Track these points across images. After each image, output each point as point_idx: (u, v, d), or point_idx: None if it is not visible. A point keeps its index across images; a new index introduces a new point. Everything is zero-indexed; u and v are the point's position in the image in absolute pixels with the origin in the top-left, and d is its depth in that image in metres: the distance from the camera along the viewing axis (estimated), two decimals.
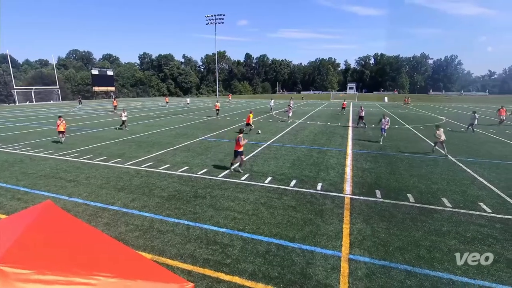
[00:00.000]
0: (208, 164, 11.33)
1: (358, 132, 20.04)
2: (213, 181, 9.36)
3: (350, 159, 12.37)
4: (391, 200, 7.87)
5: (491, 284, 4.59)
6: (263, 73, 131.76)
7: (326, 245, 5.69)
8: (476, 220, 6.77)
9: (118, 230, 6.31)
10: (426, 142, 16.44)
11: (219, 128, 21.45)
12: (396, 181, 9.47)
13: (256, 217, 6.89)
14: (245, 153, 13.16)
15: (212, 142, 15.93)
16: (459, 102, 62.42)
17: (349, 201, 7.80)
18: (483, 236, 6.02)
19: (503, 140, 17.16)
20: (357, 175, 10.06)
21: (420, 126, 23.37)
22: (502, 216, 6.96)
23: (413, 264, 5.11)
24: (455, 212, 7.18)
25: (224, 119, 27.39)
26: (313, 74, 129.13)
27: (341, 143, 15.90)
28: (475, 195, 8.24)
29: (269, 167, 10.96)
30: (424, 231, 6.23)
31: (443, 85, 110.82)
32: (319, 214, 7.04)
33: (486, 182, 9.34)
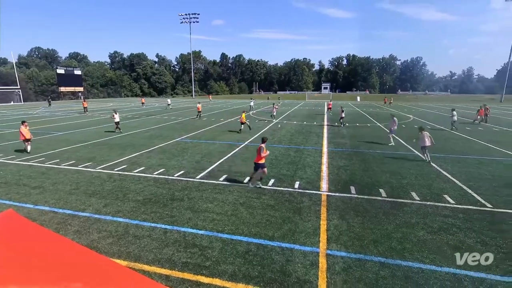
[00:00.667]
0: (185, 166, 11.10)
1: (333, 131, 20.65)
2: (190, 183, 9.19)
3: (326, 157, 12.70)
4: (365, 196, 8.19)
5: (455, 271, 4.93)
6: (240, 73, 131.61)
7: (304, 242, 5.80)
8: (441, 211, 7.23)
9: (90, 237, 6.00)
10: (396, 139, 17.29)
11: (196, 128, 21.11)
12: (369, 177, 9.87)
13: (235, 217, 6.87)
14: (224, 153, 13.11)
15: (188, 143, 15.64)
16: (424, 101, 66.36)
17: (326, 198, 8.01)
18: (448, 226, 6.44)
19: (464, 136, 18.48)
20: (333, 173, 10.35)
21: None
22: (464, 206, 7.50)
23: (386, 255, 5.36)
24: (422, 204, 7.62)
25: (200, 120, 27.00)
26: (289, 74, 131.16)
27: (317, 142, 16.28)
28: (440, 188, 8.80)
29: (247, 167, 10.94)
30: (395, 224, 6.55)
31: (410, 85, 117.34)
32: (297, 212, 7.16)
33: (449, 176, 10.01)
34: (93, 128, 21.49)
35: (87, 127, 22.21)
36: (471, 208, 7.38)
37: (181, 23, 78.99)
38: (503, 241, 5.84)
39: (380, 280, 4.70)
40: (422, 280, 4.71)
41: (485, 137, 18.05)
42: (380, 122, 25.58)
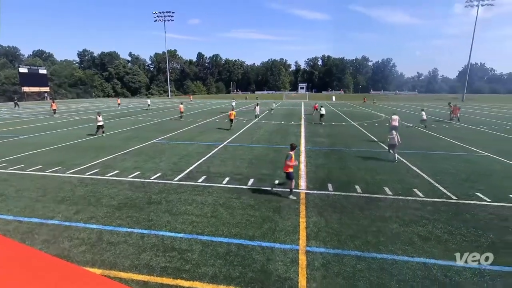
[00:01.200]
0: (162, 168, 10.82)
1: (311, 130, 21.08)
2: (168, 186, 8.98)
3: (304, 156, 12.93)
4: (342, 192, 8.45)
5: (426, 260, 5.22)
6: (217, 73, 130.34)
7: (284, 240, 5.87)
8: (412, 204, 7.63)
9: (61, 246, 5.67)
10: (369, 137, 18.01)
11: (173, 129, 20.64)
12: (346, 175, 10.19)
13: (215, 219, 6.80)
14: (202, 154, 12.94)
15: (165, 145, 15.26)
16: (395, 100, 69.65)
17: (305, 196, 8.16)
18: (418, 218, 6.82)
19: (431, 134, 19.63)
20: (311, 171, 10.57)
21: (364, 122, 25.51)
22: (432, 199, 7.97)
23: (362, 249, 5.56)
24: (395, 199, 8.00)
25: (178, 120, 26.45)
26: (266, 74, 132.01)
27: (295, 141, 16.50)
28: (410, 183, 9.29)
29: (227, 168, 10.90)
30: (370, 219, 6.82)
31: (381, 85, 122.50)
32: (277, 210, 7.23)
33: (418, 171, 10.59)
34: (64, 131, 20.32)
35: (56, 129, 20.94)
36: (438, 201, 7.86)
37: (155, 21, 76.97)
38: (467, 230, 6.28)
39: (357, 273, 4.87)
40: (396, 270, 4.94)
41: (449, 134, 19.29)
42: (354, 121, 26.48)
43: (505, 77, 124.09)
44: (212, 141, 16.17)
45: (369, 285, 4.60)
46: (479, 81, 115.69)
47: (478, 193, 8.33)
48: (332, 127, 23.00)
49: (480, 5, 62.90)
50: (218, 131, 20.11)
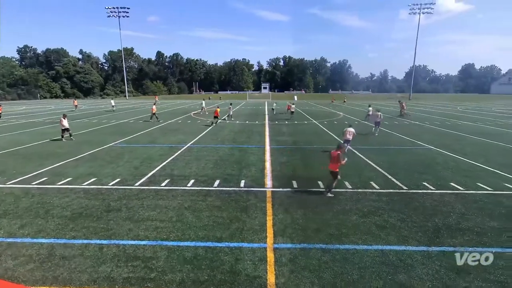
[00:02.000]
0: (121, 173, 10.20)
1: (274, 129, 21.49)
2: (128, 191, 8.49)
3: (269, 154, 13.14)
4: (306, 188, 8.75)
5: (383, 247, 5.64)
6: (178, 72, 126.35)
7: (252, 239, 5.91)
8: (369, 196, 8.19)
9: (3, 266, 5.05)
10: (329, 134, 18.92)
11: (133, 131, 19.56)
12: (309, 171, 10.58)
13: (180, 223, 6.60)
14: (165, 157, 12.46)
15: (124, 148, 14.41)
16: (351, 100, 74.02)
17: (271, 194, 8.30)
18: (375, 209, 7.33)
19: (385, 130, 21.23)
20: (276, 169, 10.78)
21: (324, 121, 26.71)
22: (387, 190, 8.64)
23: (326, 242, 5.83)
24: (354, 192, 8.51)
25: (136, 122, 25.13)
26: (229, 74, 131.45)
27: (260, 140, 16.72)
28: (368, 176, 9.96)
29: (191, 170, 10.65)
30: (333, 212, 7.17)
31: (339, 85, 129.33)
32: (244, 210, 7.25)
33: (374, 165, 11.40)
34: (5, 136, 18.08)
35: None
36: (392, 192, 8.54)
37: (109, 17, 72.16)
38: (416, 217, 6.92)
39: (322, 265, 5.09)
40: (357, 259, 5.26)
41: (399, 130, 21.06)
42: (316, 120, 27.59)
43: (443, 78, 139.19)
44: (175, 143, 15.65)
45: (333, 276, 4.84)
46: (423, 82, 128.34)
47: (425, 182, 9.21)
48: (295, 125, 23.70)
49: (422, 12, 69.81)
50: (181, 132, 19.54)
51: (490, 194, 8.37)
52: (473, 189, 8.73)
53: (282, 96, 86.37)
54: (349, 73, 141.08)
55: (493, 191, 8.54)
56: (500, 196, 8.18)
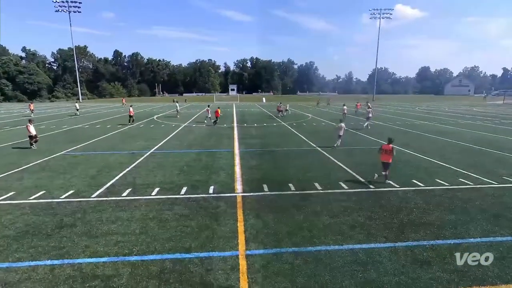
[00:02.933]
0: (75, 184, 9.50)
1: (243, 131, 21.53)
2: (84, 204, 7.93)
3: (238, 158, 13.12)
4: (277, 192, 8.87)
5: (353, 246, 5.90)
6: (139, 73, 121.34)
7: (223, 248, 5.83)
8: (339, 197, 8.52)
9: None
10: (298, 136, 19.42)
11: (88, 138, 18.34)
12: (279, 174, 10.75)
13: (145, 235, 6.30)
14: (126, 164, 11.85)
15: (79, 156, 13.46)
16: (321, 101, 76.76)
17: (241, 199, 8.27)
18: (344, 209, 7.65)
19: (351, 131, 22.31)
20: (246, 173, 10.78)
21: (293, 123, 27.37)
22: (355, 190, 9.07)
23: (299, 245, 5.94)
24: (325, 193, 8.81)
25: (93, 127, 23.62)
26: (195, 75, 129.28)
27: (228, 144, 16.64)
28: (337, 177, 10.37)
29: (156, 177, 10.25)
30: (304, 214, 7.34)
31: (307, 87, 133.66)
32: (214, 217, 7.14)
33: (342, 165, 11.91)
34: None
35: None
36: (360, 191, 8.99)
37: (57, 11, 67.18)
38: (383, 213, 7.36)
39: (295, 269, 5.17)
40: (329, 259, 5.44)
41: (365, 130, 22.28)
42: (285, 122, 28.16)
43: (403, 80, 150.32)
44: (137, 149, 14.97)
45: (306, 278, 4.94)
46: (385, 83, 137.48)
47: (390, 180, 9.82)
48: (264, 128, 23.98)
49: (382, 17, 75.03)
50: (144, 137, 18.76)
51: (447, 189, 9.17)
52: (432, 185, 9.51)
53: (250, 98, 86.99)
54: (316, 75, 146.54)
55: (450, 186, 9.38)
56: (456, 191, 9.01)
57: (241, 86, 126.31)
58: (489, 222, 6.95)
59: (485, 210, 7.61)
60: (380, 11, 74.44)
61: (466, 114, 37.76)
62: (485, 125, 25.84)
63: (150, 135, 19.67)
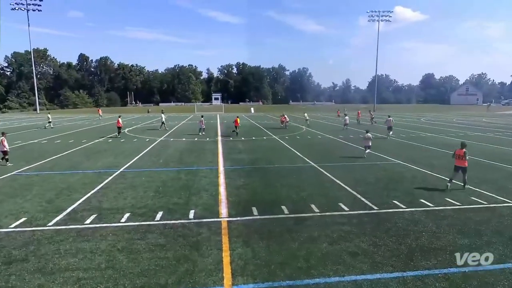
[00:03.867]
0: (28, 210, 9.14)
1: (229, 146, 21.51)
2: (39, 234, 7.60)
3: (223, 177, 13.01)
4: (268, 215, 8.78)
5: (356, 277, 5.84)
6: (108, 80, 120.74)
7: (205, 283, 5.66)
8: (338, 219, 8.52)
9: None
10: (291, 151, 19.53)
11: (45, 155, 17.83)
12: (270, 194, 10.69)
13: (112, 270, 6.06)
14: (91, 186, 11.54)
15: (33, 177, 13.02)
16: (313, 111, 78.18)
17: (227, 225, 8.14)
18: (345, 234, 7.63)
19: (349, 144, 22.65)
20: (232, 194, 10.67)
21: (285, 136, 27.59)
22: (356, 212, 9.09)
23: (294, 277, 5.84)
24: (322, 216, 8.79)
25: (51, 142, 23.04)
26: (173, 82, 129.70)
27: (212, 160, 16.53)
28: (335, 197, 10.40)
29: (126, 200, 10.01)
30: (300, 241, 7.27)
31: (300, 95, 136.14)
32: (195, 247, 6.97)
33: (341, 183, 11.99)
34: None
35: None
36: (362, 213, 9.02)
37: (13, 9, 66.72)
38: (389, 239, 7.37)
39: None
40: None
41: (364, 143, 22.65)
42: (276, 135, 28.36)
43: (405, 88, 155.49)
44: (104, 168, 14.65)
45: None
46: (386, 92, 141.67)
47: (395, 200, 9.94)
48: (253, 142, 24.04)
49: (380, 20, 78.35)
50: (112, 153, 18.42)
51: (459, 209, 9.33)
52: (442, 204, 9.66)
53: (237, 108, 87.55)
54: (310, 82, 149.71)
55: (461, 206, 9.55)
56: (469, 211, 9.18)
57: (226, 95, 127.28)
58: (506, 246, 7.06)
59: (501, 232, 7.76)
60: (379, 13, 77.86)
61: (476, 125, 39.20)
62: (496, 137, 26.83)
63: (120, 151, 19.32)
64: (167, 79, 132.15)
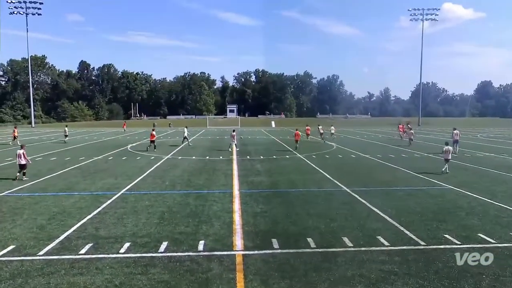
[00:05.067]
0: (17, 237, 9.41)
1: (245, 166, 21.56)
2: (28, 265, 7.79)
3: (238, 202, 13.00)
4: (291, 249, 8.62)
5: None
6: (110, 90, 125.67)
7: None
8: (377, 256, 8.24)
9: None
10: (319, 172, 19.32)
11: (38, 174, 18.49)
12: (294, 224, 10.54)
13: None
14: (87, 210, 11.82)
15: (25, 199, 13.49)
16: (345, 126, 77.66)
17: (242, 260, 8.04)
18: (385, 274, 7.36)
19: (388, 164, 22.19)
20: (248, 223, 10.60)
21: (312, 154, 27.41)
22: (399, 248, 8.78)
23: None
24: (357, 251, 8.53)
25: (46, 160, 23.91)
26: (183, 93, 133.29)
27: (225, 183, 16.59)
28: (373, 229, 10.12)
29: (126, 228, 10.15)
30: (329, 282, 7.06)
31: (329, 107, 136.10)
32: (204, 285, 6.92)
33: (380, 212, 11.68)
34: None
35: None
36: (406, 249, 8.70)
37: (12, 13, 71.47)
38: (440, 283, 7.03)
39: None
40: None
41: (407, 164, 22.14)
42: (300, 153, 28.24)
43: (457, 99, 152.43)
44: (102, 190, 15.00)
45: None
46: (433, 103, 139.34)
47: (447, 234, 9.55)
48: (273, 161, 24.02)
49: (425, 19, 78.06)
50: (112, 173, 18.88)
51: None
52: (506, 240, 9.18)
53: (255, 122, 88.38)
54: (341, 91, 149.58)
55: None
56: None
57: (243, 107, 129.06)
58: None
59: None
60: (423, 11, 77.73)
61: None
62: None
63: (121, 171, 19.78)
64: (176, 89, 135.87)
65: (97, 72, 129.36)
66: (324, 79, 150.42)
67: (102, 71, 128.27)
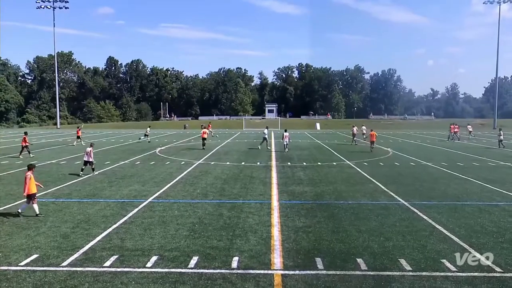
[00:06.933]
0: (40, 246, 9.97)
1: (286, 174, 21.48)
2: (50, 276, 8.21)
3: (277, 215, 12.96)
4: (338, 271, 8.44)
5: None
6: (138, 88, 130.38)
7: None
8: (441, 284, 7.86)
9: None
10: (372, 182, 18.83)
11: (62, 178, 19.52)
12: (342, 242, 10.33)
13: None
14: (113, 218, 12.30)
15: (48, 205, 14.27)
16: (403, 128, 75.20)
17: (280, 280, 7.99)
18: None
19: (455, 174, 21.19)
20: (288, 239, 10.53)
21: (363, 162, 26.80)
22: (468, 274, 8.32)
23: None
24: (416, 276, 8.20)
25: (71, 164, 25.20)
26: (217, 91, 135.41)
27: (263, 192, 16.62)
28: (436, 250, 9.68)
29: (153, 240, 10.42)
30: None
31: (384, 106, 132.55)
32: None
33: (446, 231, 11.16)
34: None
35: None
36: (478, 276, 8.22)
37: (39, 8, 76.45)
38: None
39: None
40: None
41: (480, 174, 21.02)
42: (350, 160, 27.70)
43: None
44: (129, 197, 15.55)
45: None
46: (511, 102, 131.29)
47: None
48: (318, 168, 23.75)
49: (503, 1, 73.83)
50: (139, 179, 19.51)
51: None
52: None
53: (297, 124, 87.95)
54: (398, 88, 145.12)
55: None
56: None
57: (284, 106, 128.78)
58: None
59: None
60: None
61: None
62: None
63: (149, 177, 20.37)
64: (209, 87, 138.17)
65: (125, 69, 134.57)
66: (378, 74, 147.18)
67: (130, 67, 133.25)
